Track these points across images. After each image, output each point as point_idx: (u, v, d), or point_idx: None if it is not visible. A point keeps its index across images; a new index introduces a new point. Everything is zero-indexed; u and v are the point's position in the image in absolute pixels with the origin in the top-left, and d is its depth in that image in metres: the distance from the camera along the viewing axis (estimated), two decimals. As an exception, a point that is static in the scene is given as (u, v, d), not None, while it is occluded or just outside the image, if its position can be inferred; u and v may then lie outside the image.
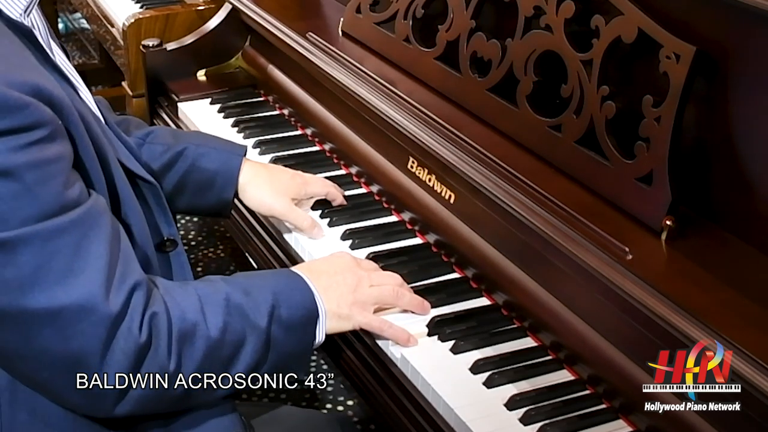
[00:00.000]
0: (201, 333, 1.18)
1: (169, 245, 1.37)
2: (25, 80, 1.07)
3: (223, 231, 3.04)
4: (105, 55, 3.89)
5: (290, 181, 1.65)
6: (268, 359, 1.25)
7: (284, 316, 1.25)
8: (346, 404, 2.38)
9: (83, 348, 1.10)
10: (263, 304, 1.24)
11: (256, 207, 1.65)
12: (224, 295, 1.23)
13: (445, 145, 1.57)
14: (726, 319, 1.15)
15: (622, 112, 1.39)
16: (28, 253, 1.06)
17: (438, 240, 1.59)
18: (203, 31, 2.24)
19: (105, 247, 1.12)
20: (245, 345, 1.22)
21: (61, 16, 4.35)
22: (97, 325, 1.09)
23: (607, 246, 1.29)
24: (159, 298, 1.17)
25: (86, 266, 1.09)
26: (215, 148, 1.61)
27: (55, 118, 1.10)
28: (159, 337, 1.14)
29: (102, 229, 1.13)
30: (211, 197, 1.61)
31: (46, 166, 1.08)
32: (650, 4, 1.38)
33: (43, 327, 1.08)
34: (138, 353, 1.12)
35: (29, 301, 1.07)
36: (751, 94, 1.30)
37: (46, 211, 1.07)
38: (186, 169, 1.58)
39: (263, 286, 1.27)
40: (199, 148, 1.60)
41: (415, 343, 1.36)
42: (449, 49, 1.72)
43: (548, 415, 1.22)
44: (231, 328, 1.20)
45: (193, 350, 1.17)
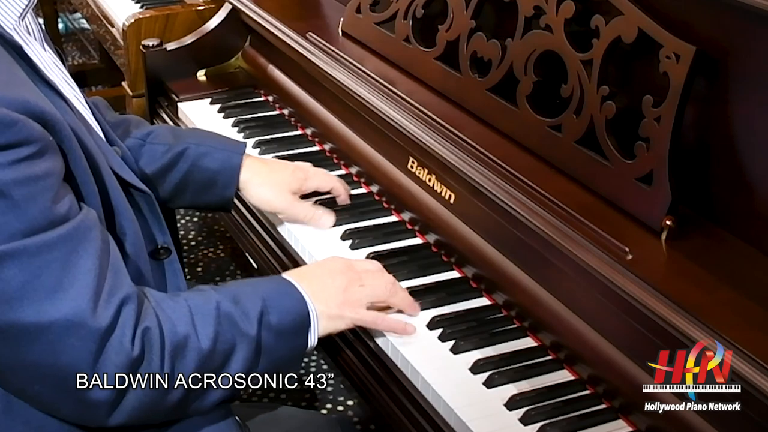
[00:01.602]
0: (192, 345, 1.18)
1: (163, 253, 1.38)
2: (14, 97, 1.08)
3: (223, 231, 3.04)
4: (105, 55, 3.89)
5: (291, 177, 1.65)
6: (259, 365, 1.25)
7: (274, 322, 1.26)
8: (346, 404, 2.37)
9: (73, 362, 1.10)
10: (252, 311, 1.25)
11: (257, 204, 1.66)
12: (215, 304, 1.23)
13: (445, 145, 1.57)
14: (726, 319, 1.15)
15: (622, 112, 1.39)
16: (15, 267, 1.07)
17: (438, 240, 1.59)
18: (203, 31, 2.24)
19: (94, 261, 1.12)
20: (235, 353, 1.22)
21: (61, 16, 4.35)
22: (86, 339, 1.10)
23: (607, 246, 1.29)
24: (151, 312, 1.18)
25: (75, 281, 1.10)
26: (216, 147, 1.62)
27: (44, 134, 1.10)
28: (152, 351, 1.15)
29: (91, 244, 1.13)
30: (213, 195, 1.62)
31: (34, 182, 1.08)
32: (650, 4, 1.38)
33: (33, 342, 1.08)
34: (130, 367, 1.13)
35: (18, 315, 1.07)
36: (751, 94, 1.30)
37: (34, 226, 1.08)
38: (187, 169, 1.59)
39: (252, 293, 1.28)
40: (200, 148, 1.60)
41: (412, 330, 1.36)
42: (449, 49, 1.72)
43: (548, 415, 1.22)
44: (221, 337, 1.21)
45: (185, 362, 1.17)
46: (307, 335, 1.30)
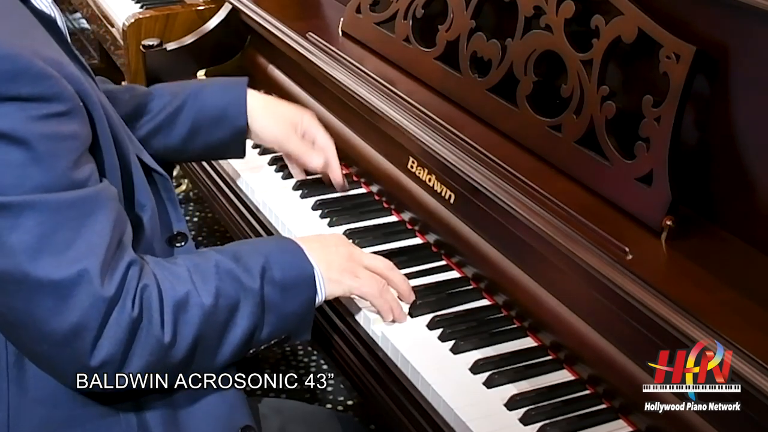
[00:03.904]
0: (194, 301, 1.19)
1: (180, 239, 1.39)
2: (51, 56, 1.11)
3: (223, 231, 3.03)
4: (105, 55, 3.88)
5: (292, 111, 1.75)
6: (266, 321, 1.25)
7: (277, 278, 1.27)
8: (346, 404, 2.38)
9: (81, 321, 1.11)
10: (254, 267, 1.26)
11: (259, 131, 1.71)
12: (214, 262, 1.25)
13: (445, 145, 1.57)
14: (726, 319, 1.15)
15: (622, 112, 1.39)
16: (33, 219, 1.09)
17: (438, 240, 1.59)
18: (203, 31, 2.24)
19: (108, 228, 1.14)
20: (240, 308, 1.23)
21: (61, 16, 4.35)
22: (95, 299, 1.11)
23: (607, 246, 1.29)
24: (149, 272, 1.19)
25: (89, 242, 1.12)
26: (219, 84, 1.71)
27: (75, 96, 1.13)
28: (151, 309, 1.16)
29: (108, 213, 1.15)
30: (226, 129, 1.68)
31: (61, 141, 1.11)
32: (650, 4, 1.38)
33: (44, 297, 1.10)
34: (131, 327, 1.14)
35: (32, 267, 1.09)
36: (751, 94, 1.30)
37: (55, 184, 1.10)
38: (197, 109, 1.65)
39: (254, 251, 1.30)
40: (204, 89, 1.68)
41: (401, 318, 1.38)
42: (449, 49, 1.72)
43: (548, 415, 1.22)
44: (224, 293, 1.22)
45: (188, 318, 1.19)
46: (315, 290, 1.30)
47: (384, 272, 1.40)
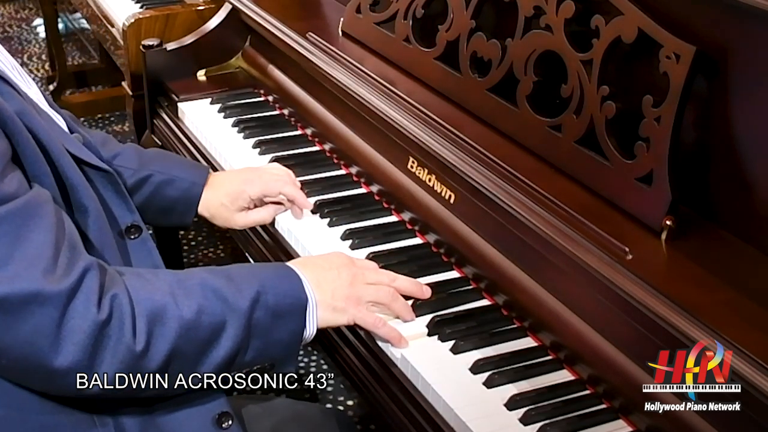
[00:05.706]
0: (172, 313, 1.18)
1: (134, 231, 1.38)
2: None
3: (223, 231, 3.03)
4: (105, 55, 3.89)
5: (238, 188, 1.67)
6: (251, 345, 1.24)
7: (271, 303, 1.26)
8: (346, 404, 2.38)
9: (34, 331, 1.10)
10: (247, 290, 1.25)
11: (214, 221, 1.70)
12: (198, 280, 1.24)
13: (445, 145, 1.57)
14: (726, 319, 1.15)
15: (622, 112, 1.39)
16: None
17: (438, 240, 1.59)
18: (203, 31, 2.24)
19: (47, 235, 1.13)
20: (225, 328, 1.22)
21: (61, 16, 4.35)
22: (46, 306, 1.10)
23: (607, 246, 1.29)
24: (119, 282, 1.18)
25: (27, 254, 1.10)
26: (178, 177, 1.65)
27: None
28: (123, 315, 1.15)
29: (44, 219, 1.14)
30: (173, 220, 1.68)
31: None
32: (650, 4, 1.38)
33: None
34: (96, 331, 1.12)
35: None
36: (751, 94, 1.30)
37: None
38: (149, 193, 1.63)
39: (250, 275, 1.29)
40: (163, 176, 1.64)
41: (406, 345, 1.36)
42: (449, 49, 1.72)
43: (548, 415, 1.22)
44: (207, 310, 1.21)
45: (165, 330, 1.17)
46: (305, 321, 1.29)
47: (388, 304, 1.38)
